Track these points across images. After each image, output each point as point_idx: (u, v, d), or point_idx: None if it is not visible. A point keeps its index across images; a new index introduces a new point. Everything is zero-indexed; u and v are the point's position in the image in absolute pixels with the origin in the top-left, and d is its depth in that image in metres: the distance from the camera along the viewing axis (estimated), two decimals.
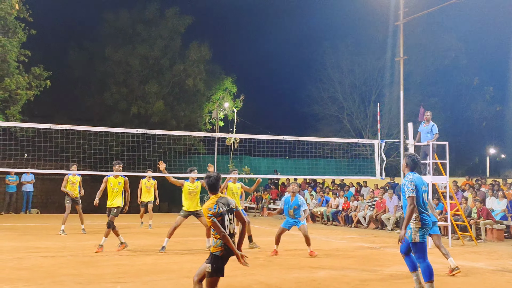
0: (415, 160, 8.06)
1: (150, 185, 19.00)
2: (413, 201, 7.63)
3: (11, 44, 26.63)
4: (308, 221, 23.86)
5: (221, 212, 6.20)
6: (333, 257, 12.35)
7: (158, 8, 38.32)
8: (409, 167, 8.02)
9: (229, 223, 6.26)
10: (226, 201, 6.35)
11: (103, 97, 37.05)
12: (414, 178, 7.80)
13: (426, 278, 7.72)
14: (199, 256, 12.03)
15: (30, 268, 9.91)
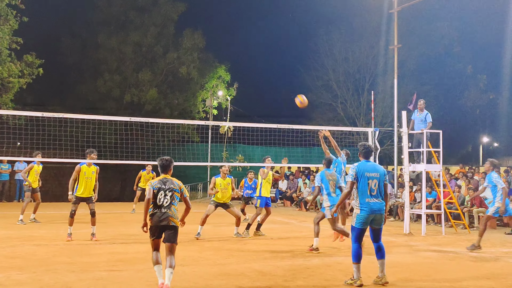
0: (364, 148, 8.43)
1: (149, 177, 19.17)
2: (349, 185, 8.08)
3: (2, 31, 26.41)
4: (302, 209, 23.93)
5: (158, 187, 7.57)
6: (327, 245, 12.35)
7: None
8: (362, 155, 8.40)
9: (163, 198, 7.55)
10: (169, 181, 7.72)
11: (96, 84, 36.87)
12: (359, 165, 8.17)
13: (354, 259, 8.03)
14: (191, 245, 12.04)
15: (24, 257, 9.89)
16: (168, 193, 7.60)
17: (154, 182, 7.68)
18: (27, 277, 8.14)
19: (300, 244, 12.42)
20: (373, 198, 8.01)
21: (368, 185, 8.02)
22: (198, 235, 12.96)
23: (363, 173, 8.05)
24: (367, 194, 8.00)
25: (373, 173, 8.12)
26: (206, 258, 10.23)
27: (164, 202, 7.55)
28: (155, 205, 7.55)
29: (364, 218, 7.98)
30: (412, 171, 17.72)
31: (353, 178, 8.04)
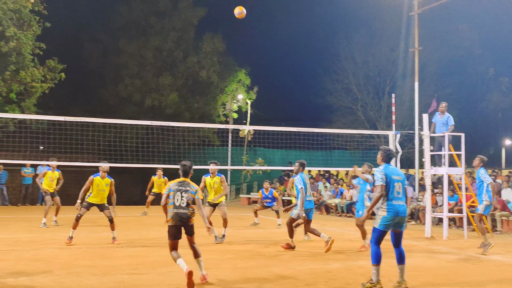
0: (388, 152, 8.45)
1: (160, 182, 19.28)
2: (381, 189, 8.01)
3: (26, 37, 26.76)
4: (323, 212, 23.86)
5: (175, 189, 8.20)
6: (347, 249, 12.32)
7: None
8: (384, 159, 8.40)
9: (180, 198, 8.13)
10: (186, 183, 8.33)
11: (118, 89, 37.23)
12: (385, 168, 8.19)
13: (373, 261, 7.98)
14: (211, 249, 12.06)
15: (47, 260, 9.99)
16: (184, 194, 8.18)
17: (171, 185, 8.30)
18: (50, 280, 8.22)
19: (321, 247, 12.38)
20: (399, 201, 8.03)
21: (394, 188, 8.05)
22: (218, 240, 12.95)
23: (391, 176, 8.08)
24: (394, 196, 8.01)
25: (398, 176, 8.17)
26: (227, 261, 10.25)
27: (182, 203, 8.13)
28: (174, 206, 8.13)
29: (389, 220, 7.95)
30: (434, 174, 17.57)
31: (383, 181, 8.03)
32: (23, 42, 26.61)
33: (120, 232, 13.23)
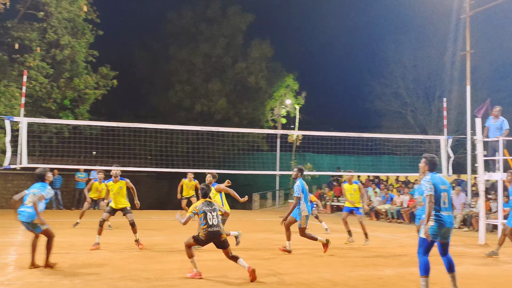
0: (433, 161, 8.21)
1: (191, 185, 19.34)
2: (431, 198, 7.73)
3: (79, 45, 27.48)
4: (373, 218, 23.62)
5: (203, 210, 8.93)
6: (398, 255, 12.18)
7: (220, 6, 38.74)
8: (428, 167, 8.17)
9: (212, 217, 8.90)
10: (211, 203, 9.14)
11: (168, 95, 37.79)
12: (432, 177, 7.93)
13: (421, 273, 7.77)
14: (262, 253, 12.08)
15: (100, 263, 10.19)
16: (213, 213, 8.98)
17: (199, 207, 9.03)
18: (103, 283, 8.39)
19: (372, 253, 12.28)
20: (446, 211, 7.83)
21: (441, 198, 7.82)
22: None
23: (437, 185, 7.85)
24: (441, 206, 7.82)
25: (444, 185, 7.94)
26: (277, 267, 10.25)
27: (214, 221, 8.92)
28: (208, 225, 8.89)
29: (436, 230, 7.75)
30: (487, 180, 17.18)
31: (432, 191, 7.77)
32: (77, 50, 27.34)
33: (170, 236, 13.40)
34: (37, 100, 27.23)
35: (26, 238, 13.91)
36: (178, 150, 18.33)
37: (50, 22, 26.35)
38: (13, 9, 25.25)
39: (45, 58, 27.07)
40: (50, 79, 27.44)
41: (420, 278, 7.76)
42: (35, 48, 26.47)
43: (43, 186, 9.69)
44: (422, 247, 7.82)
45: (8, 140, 12.46)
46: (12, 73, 26.33)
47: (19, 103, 24.16)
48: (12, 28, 26.30)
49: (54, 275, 8.88)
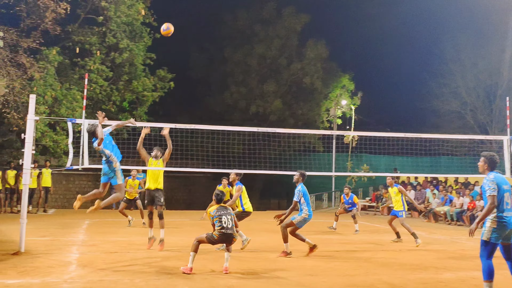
0: (493, 159, 7.92)
1: (225, 191, 19.37)
2: (494, 200, 7.48)
3: (138, 48, 28.06)
4: (431, 220, 23.17)
5: (219, 214, 9.48)
6: (459, 259, 11.92)
7: (275, 7, 38.76)
8: (489, 166, 7.89)
9: (227, 221, 9.43)
10: (226, 208, 9.70)
11: (223, 96, 38.13)
12: (496, 177, 7.66)
13: (485, 277, 7.53)
14: (318, 255, 12.02)
15: (159, 262, 10.29)
16: (228, 217, 9.52)
17: (214, 212, 9.57)
18: (163, 283, 8.51)
19: (431, 256, 12.06)
20: (509, 212, 7.59)
21: (504, 198, 7.57)
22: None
23: (500, 185, 7.58)
24: (504, 208, 7.57)
25: (506, 185, 7.68)
26: (334, 268, 10.20)
27: (229, 225, 9.44)
28: (222, 227, 9.40)
29: (499, 232, 7.51)
30: None
31: (496, 191, 7.52)
32: (135, 53, 27.93)
33: None
34: (97, 102, 27.94)
35: (88, 237, 14.29)
36: (234, 151, 18.44)
37: (109, 26, 26.99)
38: (74, 14, 25.99)
39: (105, 62, 27.75)
40: (109, 82, 28.10)
41: (484, 283, 7.55)
42: (95, 52, 27.18)
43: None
44: (485, 250, 7.59)
45: (70, 142, 12.82)
46: (73, 76, 27.10)
47: (80, 106, 24.87)
48: (73, 32, 27.07)
49: (114, 274, 9.07)
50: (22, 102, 22.13)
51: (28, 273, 9.02)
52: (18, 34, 23.28)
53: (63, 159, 25.57)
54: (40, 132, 23.18)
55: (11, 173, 22.22)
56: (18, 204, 21.69)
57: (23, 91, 22.23)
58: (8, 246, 11.92)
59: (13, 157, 25.03)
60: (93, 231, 15.91)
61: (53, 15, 23.38)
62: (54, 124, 24.92)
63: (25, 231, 11.23)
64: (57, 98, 24.68)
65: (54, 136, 24.40)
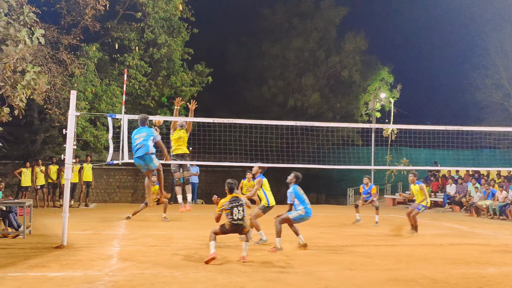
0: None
1: (250, 185, 19.10)
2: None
3: (175, 43, 28.23)
4: (473, 214, 22.74)
5: (230, 206, 9.91)
6: (502, 253, 11.67)
7: (313, 0, 38.53)
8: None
9: (237, 212, 9.88)
10: (238, 199, 10.04)
11: (261, 90, 38.12)
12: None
13: None
14: (358, 249, 11.91)
15: (199, 256, 10.36)
16: (239, 208, 9.93)
17: (225, 204, 9.97)
18: (202, 276, 8.55)
19: (474, 250, 11.84)
20: None
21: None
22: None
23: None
24: None
25: None
26: (374, 263, 10.09)
27: (239, 216, 9.89)
28: (233, 219, 9.89)
29: None
30: None
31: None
32: (173, 48, 28.10)
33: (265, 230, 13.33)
34: (136, 97, 28.23)
35: (128, 231, 14.46)
36: (272, 145, 18.38)
37: (148, 22, 27.21)
38: (113, 11, 26.26)
39: (143, 57, 28.00)
40: (148, 77, 28.36)
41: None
42: (133, 48, 27.44)
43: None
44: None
45: (111, 137, 12.96)
46: (113, 72, 27.43)
47: (120, 101, 25.16)
48: (112, 28, 27.38)
49: (154, 267, 9.15)
50: (63, 98, 22.51)
51: (70, 266, 9.17)
52: (59, 31, 23.69)
53: (104, 154, 25.93)
54: (81, 127, 23.54)
55: (53, 168, 22.67)
56: (61, 199, 22.12)
57: (64, 87, 22.61)
58: (51, 240, 12.16)
59: (55, 152, 25.49)
60: (133, 225, 16.09)
61: (93, 12, 23.68)
62: (94, 119, 25.27)
63: (67, 225, 11.42)
64: (97, 93, 25.02)
65: (95, 131, 24.74)
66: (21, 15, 14.59)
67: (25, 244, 11.72)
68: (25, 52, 14.01)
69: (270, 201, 12.64)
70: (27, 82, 13.84)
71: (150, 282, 8.03)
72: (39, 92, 15.67)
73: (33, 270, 8.83)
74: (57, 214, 17.79)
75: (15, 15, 15.02)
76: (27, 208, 13.53)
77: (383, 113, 38.63)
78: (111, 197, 30.21)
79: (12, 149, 27.41)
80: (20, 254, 10.35)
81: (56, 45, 23.41)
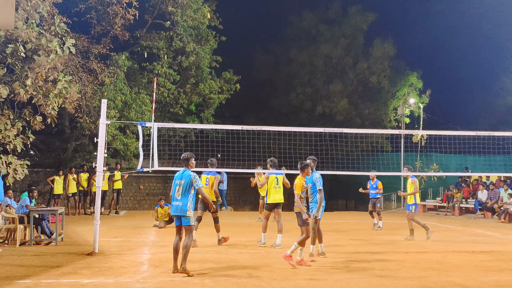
0: None
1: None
2: None
3: (204, 51, 28.41)
4: (505, 221, 22.38)
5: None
6: None
7: (340, 6, 38.54)
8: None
9: None
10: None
11: (289, 97, 38.17)
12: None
13: None
14: (388, 256, 11.82)
15: (228, 263, 10.41)
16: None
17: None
18: (232, 282, 8.59)
19: (507, 257, 11.66)
20: None
21: None
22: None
23: None
24: None
25: None
26: (405, 270, 10.00)
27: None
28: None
29: None
30: None
31: None
32: (202, 56, 28.30)
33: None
34: (165, 105, 28.47)
35: (159, 238, 14.57)
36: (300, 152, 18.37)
37: (176, 31, 27.43)
38: (142, 20, 26.55)
39: (172, 65, 28.23)
40: (177, 85, 28.58)
41: None
42: (162, 56, 27.69)
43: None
44: None
45: (141, 145, 13.09)
46: (142, 80, 27.71)
47: (149, 109, 25.38)
48: (141, 37, 27.68)
49: (184, 274, 9.20)
50: (94, 106, 22.80)
51: (102, 273, 9.28)
52: (89, 41, 24.04)
53: (133, 162, 26.18)
54: (111, 135, 23.82)
55: (84, 176, 22.97)
56: (92, 206, 22.36)
57: (94, 96, 22.91)
58: (82, 247, 12.32)
59: (86, 160, 25.82)
60: (163, 232, 16.21)
61: (122, 22, 23.99)
62: (124, 127, 25.55)
63: (98, 232, 11.55)
64: (127, 102, 25.29)
65: (124, 140, 25.02)
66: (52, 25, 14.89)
67: (58, 251, 11.89)
68: (57, 62, 14.28)
69: (269, 199, 12.91)
70: (58, 91, 14.10)
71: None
72: (71, 101, 15.94)
73: (66, 277, 8.96)
74: (88, 222, 18.01)
75: (47, 26, 15.33)
76: (59, 215, 13.72)
77: (412, 118, 38.28)
78: (141, 205, 30.48)
79: (44, 157, 27.85)
80: (52, 261, 10.51)
81: (86, 54, 23.76)
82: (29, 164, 14.95)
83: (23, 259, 10.77)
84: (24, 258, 10.90)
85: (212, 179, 13.63)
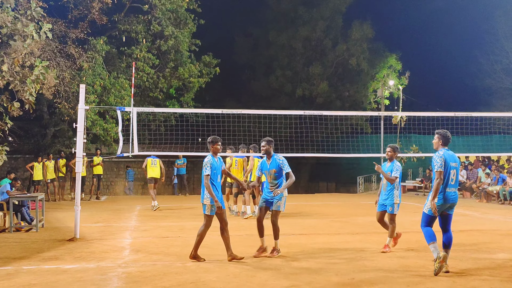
0: (446, 136, 8.31)
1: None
2: (440, 175, 7.86)
3: (182, 35, 28.24)
4: (482, 200, 22.70)
5: None
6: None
7: None
8: (442, 143, 8.30)
9: None
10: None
11: (269, 80, 38.15)
12: (444, 154, 8.04)
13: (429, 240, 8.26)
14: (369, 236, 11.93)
15: (210, 246, 10.43)
16: None
17: None
18: (214, 265, 8.65)
19: (485, 236, 11.85)
20: (453, 188, 8.25)
21: (448, 174, 8.07)
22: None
23: (449, 163, 8.08)
24: (447, 183, 8.12)
25: (454, 163, 8.21)
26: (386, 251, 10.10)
27: None
28: None
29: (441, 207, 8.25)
30: None
31: (442, 167, 8.08)
32: (180, 40, 28.11)
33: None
34: (144, 90, 28.28)
35: (140, 223, 14.57)
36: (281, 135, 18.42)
37: (154, 14, 27.19)
38: (120, 3, 26.23)
39: (151, 49, 28.02)
40: (156, 69, 28.40)
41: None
42: (141, 40, 27.47)
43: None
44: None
45: (120, 130, 13.03)
46: (121, 65, 27.48)
47: (128, 94, 25.22)
48: (119, 21, 27.39)
49: (167, 258, 9.24)
50: (72, 92, 22.63)
51: (83, 258, 9.28)
52: (66, 25, 23.75)
53: (114, 147, 26.06)
54: (90, 121, 23.65)
55: (62, 162, 22.89)
56: (72, 192, 22.27)
57: (72, 81, 22.72)
58: (63, 233, 12.30)
59: (65, 146, 25.63)
60: (145, 216, 16.21)
61: (100, 5, 23.73)
62: (103, 112, 25.38)
63: (79, 218, 11.53)
64: (106, 87, 25.09)
65: (104, 125, 24.85)
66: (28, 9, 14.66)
67: (38, 237, 11.86)
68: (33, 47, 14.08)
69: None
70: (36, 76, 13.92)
71: (163, 272, 8.12)
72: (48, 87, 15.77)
73: (47, 263, 8.94)
74: (68, 208, 17.94)
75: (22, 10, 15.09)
76: (39, 202, 13.65)
77: (392, 100, 38.50)
78: (121, 190, 30.39)
79: (23, 143, 27.62)
80: (33, 248, 10.48)
81: (63, 39, 23.49)
82: (8, 150, 14.80)
83: (3, 246, 10.72)
84: (4, 245, 10.84)
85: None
